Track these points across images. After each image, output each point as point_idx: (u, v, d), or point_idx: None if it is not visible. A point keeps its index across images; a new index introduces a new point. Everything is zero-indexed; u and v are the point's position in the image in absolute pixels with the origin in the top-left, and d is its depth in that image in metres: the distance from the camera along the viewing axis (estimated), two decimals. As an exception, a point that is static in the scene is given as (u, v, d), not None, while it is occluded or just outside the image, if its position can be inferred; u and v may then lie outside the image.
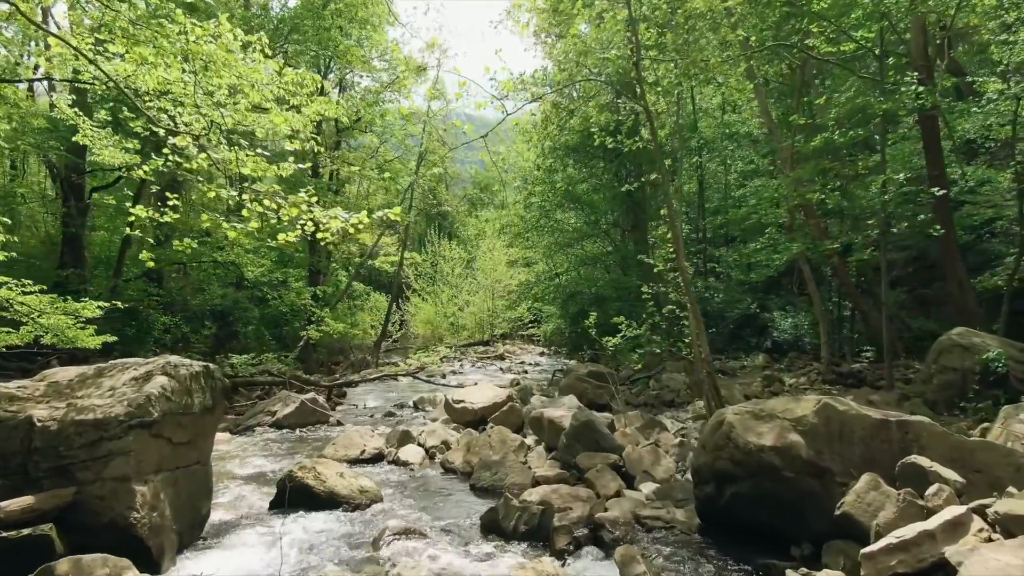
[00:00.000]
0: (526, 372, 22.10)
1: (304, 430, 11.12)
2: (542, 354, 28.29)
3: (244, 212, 5.34)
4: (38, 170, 20.88)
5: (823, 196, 10.07)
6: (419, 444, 9.27)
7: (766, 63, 12.10)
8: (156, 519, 5.04)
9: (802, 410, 4.96)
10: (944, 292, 15.83)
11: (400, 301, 33.45)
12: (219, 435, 10.32)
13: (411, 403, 15.03)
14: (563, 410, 8.85)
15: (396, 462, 8.64)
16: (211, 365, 6.06)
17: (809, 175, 10.51)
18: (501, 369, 22.81)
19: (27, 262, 17.30)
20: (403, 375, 18.08)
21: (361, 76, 26.16)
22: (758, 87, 12.93)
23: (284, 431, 10.98)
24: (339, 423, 11.67)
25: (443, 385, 17.23)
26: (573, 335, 21.28)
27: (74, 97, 8.37)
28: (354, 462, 8.59)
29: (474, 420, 10.36)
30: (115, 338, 9.65)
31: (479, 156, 43.34)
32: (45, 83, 18.38)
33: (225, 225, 5.53)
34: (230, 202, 5.28)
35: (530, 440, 9.20)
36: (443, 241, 36.29)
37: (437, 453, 8.87)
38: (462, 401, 10.65)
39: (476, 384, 18.32)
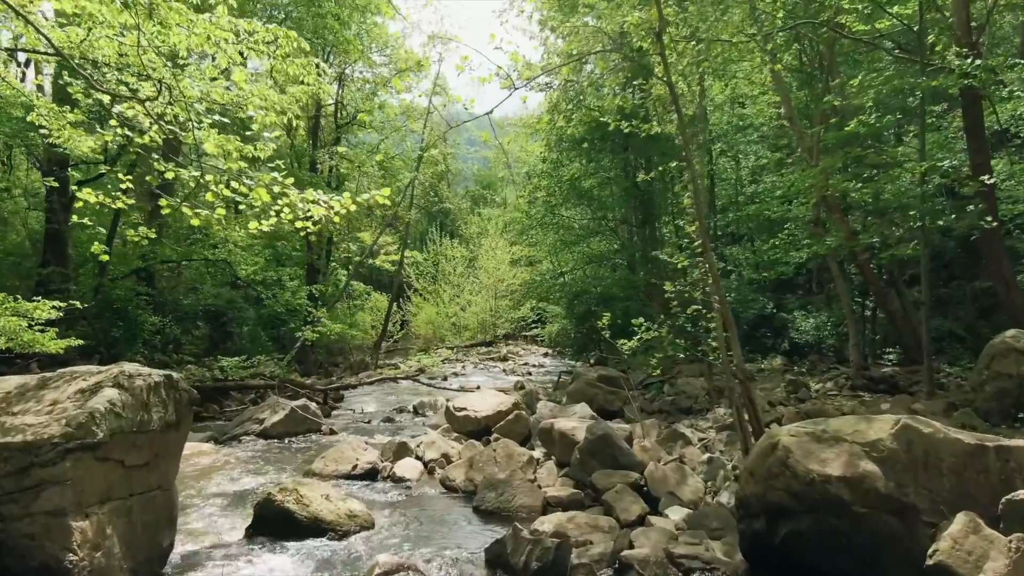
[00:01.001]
0: (530, 374, 21.36)
1: (294, 440, 10.32)
2: (545, 355, 27.52)
3: (207, 196, 4.55)
4: (27, 163, 20.09)
5: (860, 186, 9.24)
6: (417, 457, 8.46)
7: (789, 46, 11.26)
8: (100, 559, 4.23)
9: (876, 432, 4.13)
10: (961, 291, 15.14)
11: (401, 301, 32.71)
12: (202, 446, 9.54)
13: (411, 407, 14.29)
14: (575, 421, 8.04)
15: (391, 478, 7.83)
16: (174, 374, 5.25)
17: (840, 164, 9.68)
18: (504, 371, 22.03)
19: (9, 260, 16.56)
20: (402, 378, 17.29)
21: (361, 71, 25.35)
22: (777, 73, 12.09)
23: (272, 441, 10.17)
24: (332, 431, 10.87)
25: (444, 388, 16.48)
26: (579, 336, 20.49)
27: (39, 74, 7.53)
28: (345, 478, 7.79)
29: (477, 430, 9.54)
30: (80, 341, 8.85)
31: (482, 154, 42.67)
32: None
33: (187, 211, 4.74)
34: (191, 184, 4.50)
35: (538, 453, 8.39)
36: (445, 240, 35.50)
37: (437, 468, 8.06)
38: (464, 409, 9.83)
39: (478, 387, 17.60)
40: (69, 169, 15.39)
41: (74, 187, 15.79)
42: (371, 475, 7.92)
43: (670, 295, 7.69)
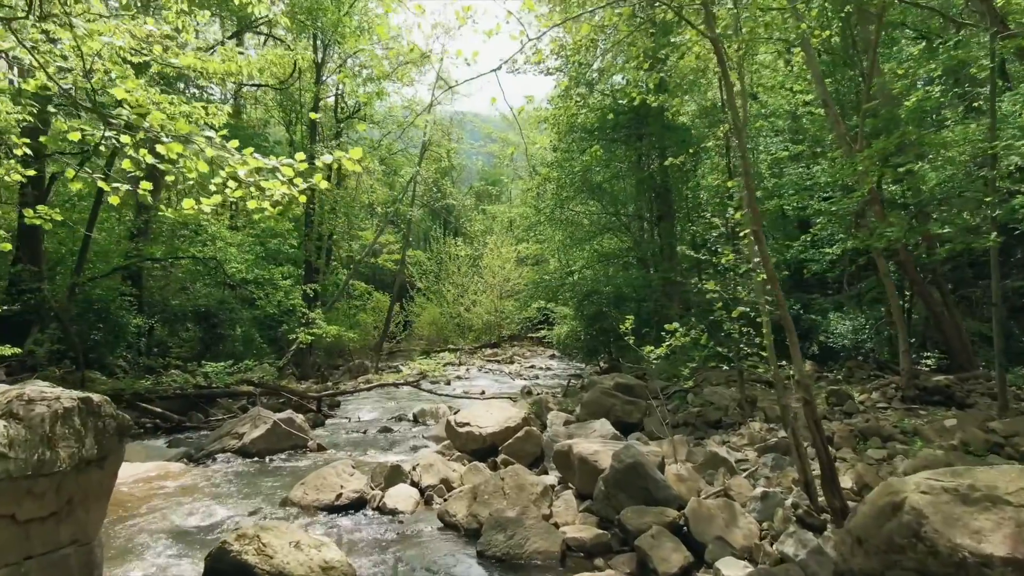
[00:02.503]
0: (537, 377, 20.31)
1: (276, 458, 9.18)
2: (552, 357, 26.45)
3: (124, 164, 3.42)
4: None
5: (925, 167, 8.06)
6: (412, 483, 7.30)
7: (833, 17, 10.03)
8: (-33, 657, 3.12)
9: (1056, 492, 2.98)
10: (990, 291, 14.01)
11: (404, 301, 31.68)
12: (170, 466, 8.43)
13: (410, 415, 13.29)
14: (597, 443, 6.87)
15: (381, 510, 6.67)
16: (96, 397, 4.13)
17: (895, 146, 8.51)
18: (510, 375, 20.91)
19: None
20: (401, 384, 16.16)
21: (361, 60, 24.26)
22: (808, 50, 10.89)
23: (251, 459, 9.04)
24: (320, 447, 9.73)
25: (447, 396, 15.35)
26: (588, 338, 19.31)
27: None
28: (327, 510, 6.64)
29: (482, 449, 8.38)
30: (17, 350, 7.73)
31: (488, 149, 41.60)
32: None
33: (104, 185, 3.63)
34: (100, 146, 3.40)
35: (552, 478, 7.23)
36: (448, 238, 34.41)
37: (435, 496, 6.92)
38: (467, 424, 8.67)
39: (483, 392, 16.51)
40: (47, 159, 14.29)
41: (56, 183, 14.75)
42: (358, 505, 6.76)
43: (713, 295, 6.52)
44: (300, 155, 3.45)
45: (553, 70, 13.99)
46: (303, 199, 3.96)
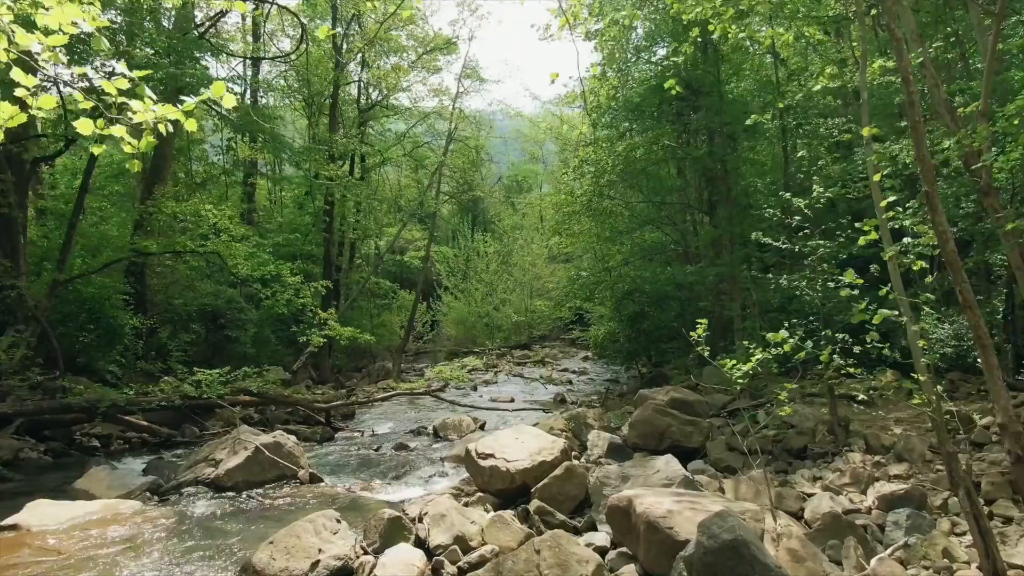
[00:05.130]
0: (570, 383, 18.63)
1: (256, 493, 7.44)
2: (586, 359, 24.62)
3: None
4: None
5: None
6: (417, 540, 5.47)
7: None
8: None
9: None
10: None
11: (431, 300, 30.18)
12: (121, 505, 6.78)
13: (430, 429, 11.77)
14: (667, 496, 4.96)
15: (371, 587, 4.89)
16: None
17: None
18: (542, 380, 19.11)
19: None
20: (421, 394, 14.51)
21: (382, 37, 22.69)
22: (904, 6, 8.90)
23: (225, 495, 7.32)
24: (312, 477, 7.97)
25: (471, 407, 13.68)
26: (627, 341, 17.44)
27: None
28: (299, 584, 4.89)
29: (509, 490, 6.53)
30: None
31: (517, 146, 40.08)
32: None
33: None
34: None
35: (602, 536, 5.34)
36: (477, 234, 32.76)
37: (446, 563, 5.08)
38: (491, 456, 6.82)
39: (512, 401, 14.76)
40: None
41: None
42: (340, 579, 4.99)
43: (849, 293, 4.65)
44: None
45: (592, 34, 12.14)
46: (192, 125, 2.20)
